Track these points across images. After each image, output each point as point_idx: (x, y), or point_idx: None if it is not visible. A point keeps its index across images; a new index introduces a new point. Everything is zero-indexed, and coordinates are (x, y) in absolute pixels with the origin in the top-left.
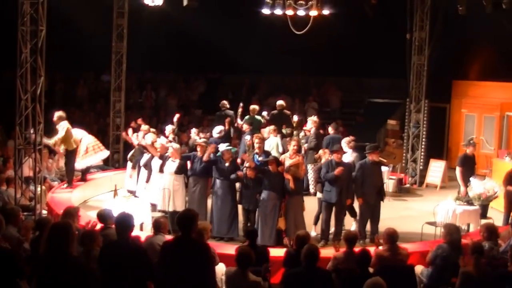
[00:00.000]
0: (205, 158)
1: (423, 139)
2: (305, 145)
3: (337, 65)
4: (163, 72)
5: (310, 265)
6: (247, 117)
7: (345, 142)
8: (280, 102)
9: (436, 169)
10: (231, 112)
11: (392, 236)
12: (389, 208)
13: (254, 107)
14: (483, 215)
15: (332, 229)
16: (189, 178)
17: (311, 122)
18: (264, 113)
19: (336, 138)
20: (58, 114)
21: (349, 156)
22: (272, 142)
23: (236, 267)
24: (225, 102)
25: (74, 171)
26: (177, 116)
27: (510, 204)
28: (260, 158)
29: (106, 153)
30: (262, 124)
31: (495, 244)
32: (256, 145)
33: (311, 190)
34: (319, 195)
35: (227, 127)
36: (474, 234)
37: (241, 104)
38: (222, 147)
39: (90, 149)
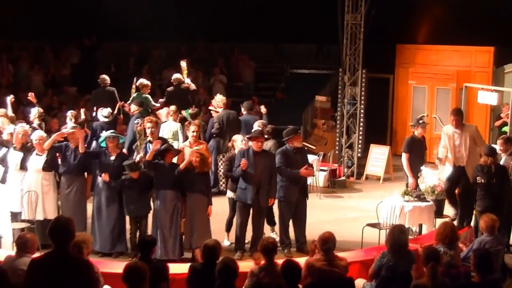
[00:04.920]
0: (80, 149)
1: (361, 120)
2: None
3: (249, 28)
4: (24, 40)
5: (227, 283)
6: (134, 95)
7: (257, 126)
8: (177, 76)
9: (378, 157)
10: (112, 89)
11: (327, 243)
12: (319, 208)
13: (143, 82)
14: (439, 212)
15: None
16: (61, 177)
17: (219, 102)
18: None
19: (251, 120)
20: None
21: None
22: (171, 127)
23: None
24: (105, 76)
25: None
26: (30, 94)
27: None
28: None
29: None
30: (152, 104)
31: (453, 249)
32: (148, 131)
33: (221, 187)
34: (230, 194)
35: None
36: (427, 237)
37: (134, 80)
38: (106, 135)
39: None
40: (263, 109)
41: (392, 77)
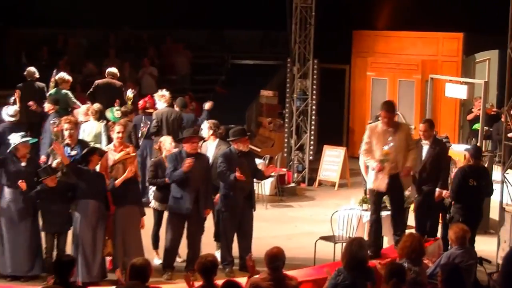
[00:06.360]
0: None
1: (313, 117)
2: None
3: (183, 12)
4: None
5: None
6: (52, 91)
7: (207, 127)
8: (111, 70)
9: (333, 160)
10: (43, 85)
11: (275, 260)
12: (266, 220)
13: (64, 76)
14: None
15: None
16: None
17: (160, 97)
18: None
19: (187, 118)
20: None
21: (212, 148)
22: (93, 129)
23: None
24: (34, 69)
25: None
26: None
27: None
28: (74, 152)
29: None
30: (73, 102)
31: (418, 264)
32: (66, 133)
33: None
34: (153, 203)
35: (35, 107)
36: (389, 251)
37: (54, 73)
38: (15, 138)
39: None
40: (207, 105)
41: (348, 68)
